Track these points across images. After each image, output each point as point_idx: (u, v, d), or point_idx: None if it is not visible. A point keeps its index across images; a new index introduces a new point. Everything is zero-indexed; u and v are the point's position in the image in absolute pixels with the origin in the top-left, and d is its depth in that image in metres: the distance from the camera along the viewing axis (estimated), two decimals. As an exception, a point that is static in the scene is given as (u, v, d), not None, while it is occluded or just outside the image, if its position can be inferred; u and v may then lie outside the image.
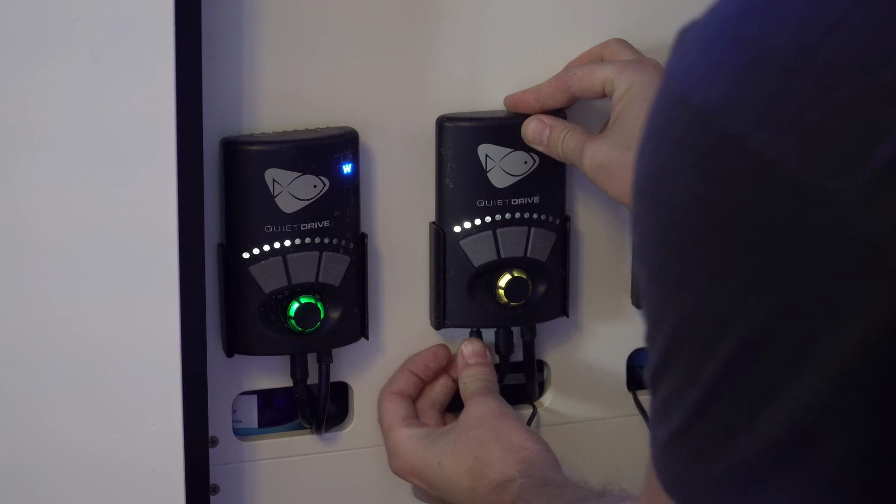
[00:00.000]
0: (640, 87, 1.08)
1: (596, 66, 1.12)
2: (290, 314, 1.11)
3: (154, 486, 1.02)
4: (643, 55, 1.13)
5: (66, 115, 0.95)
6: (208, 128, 1.03)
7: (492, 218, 1.15)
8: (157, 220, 0.98)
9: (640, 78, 1.09)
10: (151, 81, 0.96)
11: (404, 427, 1.13)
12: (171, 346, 1.00)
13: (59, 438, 0.99)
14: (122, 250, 0.98)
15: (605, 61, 1.13)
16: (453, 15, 1.15)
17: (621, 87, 1.09)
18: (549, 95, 1.14)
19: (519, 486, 1.06)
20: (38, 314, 0.97)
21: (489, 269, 1.16)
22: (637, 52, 1.14)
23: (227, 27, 1.09)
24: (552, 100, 1.14)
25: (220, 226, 1.11)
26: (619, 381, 1.26)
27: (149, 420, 1.01)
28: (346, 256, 1.12)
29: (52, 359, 0.98)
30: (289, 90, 1.11)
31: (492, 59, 1.16)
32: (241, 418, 1.18)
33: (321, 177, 1.10)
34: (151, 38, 0.96)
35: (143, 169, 0.97)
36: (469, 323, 1.18)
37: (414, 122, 1.15)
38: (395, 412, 1.14)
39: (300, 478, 1.19)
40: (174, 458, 1.01)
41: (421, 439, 1.12)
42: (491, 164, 1.14)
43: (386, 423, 1.14)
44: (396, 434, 1.13)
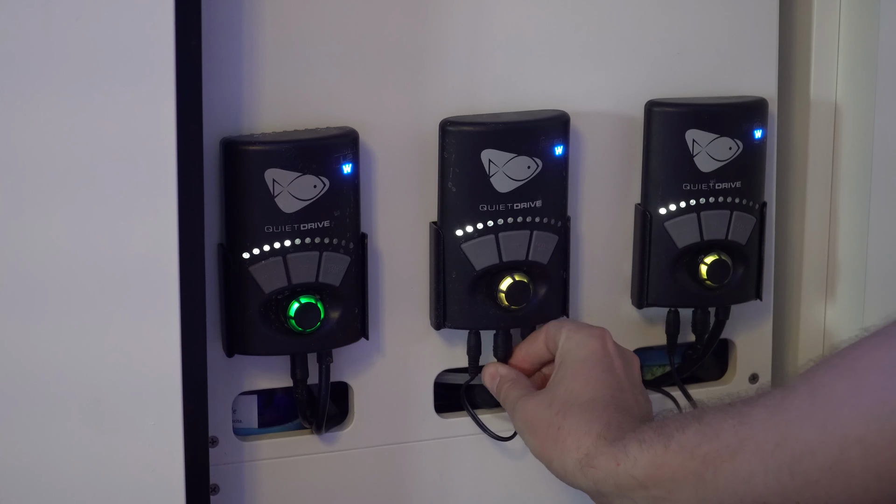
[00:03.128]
0: (577, 345, 1.13)
1: (539, 332, 1.19)
2: (290, 314, 1.11)
3: (154, 486, 1.02)
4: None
5: (66, 116, 0.95)
6: (208, 128, 1.03)
7: (494, 222, 1.15)
8: (157, 220, 0.98)
9: (578, 336, 1.14)
10: (151, 82, 0.96)
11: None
12: (171, 346, 1.00)
13: (60, 439, 0.99)
14: (123, 250, 0.98)
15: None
16: (453, 15, 1.15)
17: (560, 340, 1.15)
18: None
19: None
20: (38, 314, 0.97)
21: (490, 272, 1.16)
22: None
23: (227, 27, 1.09)
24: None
25: (220, 226, 1.11)
26: (619, 381, 1.26)
27: (149, 420, 1.00)
28: (346, 256, 1.12)
29: (52, 359, 0.98)
30: (289, 90, 1.11)
31: (491, 59, 1.16)
32: (241, 418, 1.18)
33: (321, 177, 1.10)
34: (151, 39, 0.95)
35: (144, 169, 0.97)
36: (469, 325, 1.18)
37: (414, 122, 1.15)
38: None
39: (300, 478, 1.19)
40: (174, 458, 1.01)
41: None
42: (494, 169, 1.14)
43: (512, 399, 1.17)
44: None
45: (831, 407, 0.92)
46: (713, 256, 1.21)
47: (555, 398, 1.11)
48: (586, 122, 1.19)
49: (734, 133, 1.20)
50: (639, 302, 1.23)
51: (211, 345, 1.09)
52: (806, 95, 1.27)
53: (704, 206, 1.20)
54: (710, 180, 1.20)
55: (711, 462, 0.97)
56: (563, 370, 1.13)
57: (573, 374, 1.11)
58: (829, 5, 1.25)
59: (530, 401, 1.13)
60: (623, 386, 1.11)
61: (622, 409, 1.08)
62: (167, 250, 0.99)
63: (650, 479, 1.00)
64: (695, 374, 1.30)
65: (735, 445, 0.96)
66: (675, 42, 1.21)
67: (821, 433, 0.92)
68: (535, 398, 1.13)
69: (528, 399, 1.13)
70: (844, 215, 1.28)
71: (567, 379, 1.11)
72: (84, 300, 0.98)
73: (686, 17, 1.21)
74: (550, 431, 1.08)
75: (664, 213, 1.20)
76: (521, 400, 1.14)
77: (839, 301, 1.29)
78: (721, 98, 1.21)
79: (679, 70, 1.21)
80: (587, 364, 1.12)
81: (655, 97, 1.20)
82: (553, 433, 1.08)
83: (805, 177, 1.29)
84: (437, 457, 1.22)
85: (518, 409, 1.13)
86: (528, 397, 1.13)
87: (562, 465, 1.07)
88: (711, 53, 1.22)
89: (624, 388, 1.11)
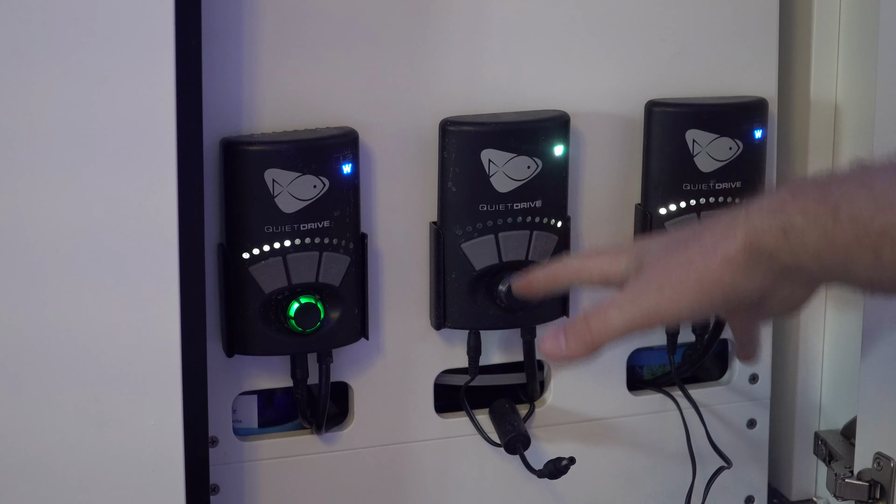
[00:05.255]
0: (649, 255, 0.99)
1: (593, 254, 1.06)
2: (290, 314, 1.11)
3: (154, 486, 1.02)
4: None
5: (66, 116, 0.95)
6: (208, 128, 1.03)
7: (494, 222, 1.15)
8: (157, 220, 0.98)
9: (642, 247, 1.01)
10: (151, 81, 0.96)
11: None
12: (171, 346, 1.00)
13: (60, 438, 0.99)
14: (123, 250, 0.98)
15: (596, 249, 1.07)
16: (453, 15, 1.15)
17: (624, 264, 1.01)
18: (549, 281, 1.08)
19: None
20: (39, 314, 0.97)
21: (490, 272, 1.16)
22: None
23: (227, 27, 1.09)
24: (551, 285, 1.08)
25: (220, 226, 1.11)
26: (619, 380, 1.26)
27: (149, 420, 1.00)
28: (346, 256, 1.12)
29: (52, 359, 0.98)
30: (289, 90, 1.11)
31: (491, 59, 1.16)
32: (241, 418, 1.18)
33: (321, 177, 1.10)
34: (151, 38, 0.95)
35: (144, 169, 0.97)
36: (469, 324, 1.18)
37: (414, 122, 1.15)
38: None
39: (300, 478, 1.19)
40: (174, 458, 1.01)
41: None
42: (494, 169, 1.14)
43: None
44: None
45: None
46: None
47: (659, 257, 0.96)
48: (586, 122, 1.19)
49: (734, 133, 1.20)
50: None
51: (211, 345, 1.09)
52: (806, 95, 1.27)
53: (704, 206, 1.20)
54: (711, 180, 1.20)
55: (889, 236, 0.87)
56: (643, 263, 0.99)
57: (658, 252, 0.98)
58: (829, 5, 1.25)
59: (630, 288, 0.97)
60: (705, 220, 0.99)
61: (733, 209, 0.95)
62: (167, 250, 0.99)
63: (824, 251, 0.89)
64: (695, 374, 1.30)
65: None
66: (675, 42, 1.21)
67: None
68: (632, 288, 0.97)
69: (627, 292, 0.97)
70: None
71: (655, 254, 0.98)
72: (84, 300, 0.98)
73: (686, 17, 1.21)
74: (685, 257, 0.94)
75: (664, 213, 1.20)
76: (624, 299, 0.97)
77: (839, 301, 1.29)
78: (721, 98, 1.21)
79: (679, 70, 1.21)
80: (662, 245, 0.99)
81: (655, 97, 1.20)
82: (690, 256, 0.94)
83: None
84: (437, 457, 1.22)
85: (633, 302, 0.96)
86: (627, 288, 0.97)
87: (709, 266, 0.93)
88: (711, 53, 1.22)
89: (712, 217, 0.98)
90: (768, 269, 0.92)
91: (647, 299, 0.95)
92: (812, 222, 0.89)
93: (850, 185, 0.89)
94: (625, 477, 1.28)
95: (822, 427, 1.32)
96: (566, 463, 1.19)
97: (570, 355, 0.97)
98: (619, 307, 0.96)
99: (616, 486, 1.28)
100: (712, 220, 0.95)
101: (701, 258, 0.93)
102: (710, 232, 0.94)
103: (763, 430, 1.31)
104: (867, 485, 1.16)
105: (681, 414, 1.26)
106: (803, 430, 1.32)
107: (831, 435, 1.29)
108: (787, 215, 0.90)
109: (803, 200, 0.89)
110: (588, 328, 0.96)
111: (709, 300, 0.93)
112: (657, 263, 0.96)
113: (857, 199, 0.88)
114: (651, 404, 1.27)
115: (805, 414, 1.32)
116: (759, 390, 1.30)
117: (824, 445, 1.28)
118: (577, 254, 1.09)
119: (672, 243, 0.97)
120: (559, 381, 1.24)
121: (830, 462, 1.26)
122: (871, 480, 1.15)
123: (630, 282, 0.97)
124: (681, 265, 0.94)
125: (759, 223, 0.91)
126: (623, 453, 1.27)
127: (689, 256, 0.94)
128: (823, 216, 0.88)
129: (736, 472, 1.27)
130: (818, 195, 0.89)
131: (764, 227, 0.91)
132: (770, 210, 0.91)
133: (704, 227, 0.95)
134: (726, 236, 0.92)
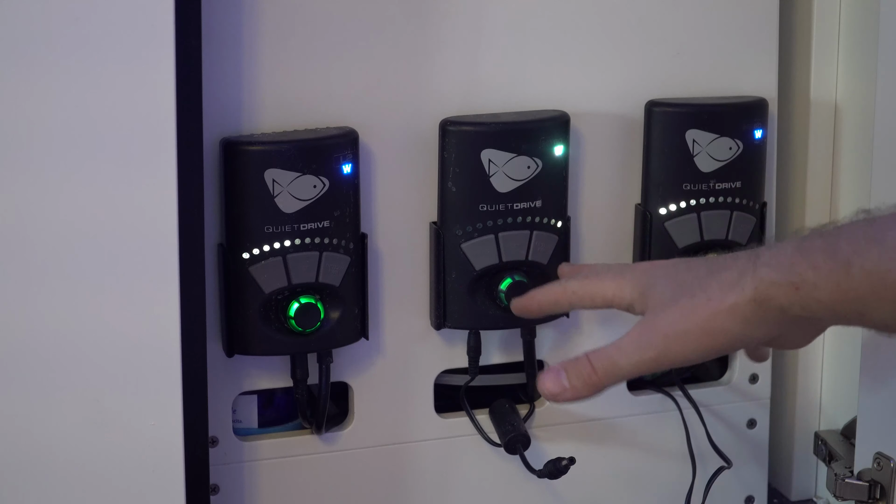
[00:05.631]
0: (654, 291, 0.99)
1: (596, 280, 1.05)
2: (290, 314, 1.11)
3: (154, 486, 1.02)
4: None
5: (67, 116, 0.95)
6: (208, 128, 1.03)
7: (494, 222, 1.15)
8: (157, 220, 0.98)
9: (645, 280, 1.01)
10: (151, 81, 0.96)
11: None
12: (171, 346, 1.00)
13: (60, 438, 0.99)
14: (123, 250, 0.98)
15: (598, 273, 1.06)
16: (453, 15, 1.15)
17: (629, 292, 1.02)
18: (549, 306, 1.09)
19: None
20: (39, 314, 0.97)
21: (490, 272, 1.16)
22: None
23: (227, 27, 1.09)
24: (552, 309, 1.10)
25: (220, 226, 1.11)
26: (620, 381, 1.26)
27: (149, 420, 1.00)
28: (346, 256, 1.12)
29: (52, 359, 0.98)
30: (289, 90, 1.11)
31: (491, 59, 1.16)
32: (241, 418, 1.18)
33: (321, 177, 1.10)
34: (151, 39, 0.95)
35: (144, 169, 0.97)
36: (469, 324, 1.18)
37: (414, 122, 1.15)
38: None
39: (300, 478, 1.19)
40: (174, 458, 1.01)
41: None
42: (494, 169, 1.14)
43: None
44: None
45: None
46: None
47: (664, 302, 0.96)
48: (586, 122, 1.19)
49: (734, 133, 1.20)
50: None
51: (211, 345, 1.09)
52: (806, 95, 1.27)
53: (704, 206, 1.20)
54: (710, 180, 1.20)
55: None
56: (643, 302, 0.99)
57: (662, 285, 0.98)
58: (829, 5, 1.25)
59: (642, 325, 0.97)
60: (706, 260, 0.99)
61: (738, 256, 0.95)
62: (167, 250, 0.99)
63: (838, 303, 0.89)
64: (695, 374, 1.30)
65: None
66: (675, 42, 1.21)
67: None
68: (646, 323, 0.97)
69: (638, 329, 0.97)
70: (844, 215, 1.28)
71: (658, 289, 0.97)
72: (84, 300, 0.98)
73: (686, 17, 1.21)
74: (691, 303, 0.94)
75: (664, 213, 1.20)
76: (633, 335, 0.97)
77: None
78: (721, 98, 1.21)
79: (679, 70, 1.21)
80: (660, 276, 0.99)
81: (655, 97, 1.20)
82: (695, 304, 0.94)
83: (805, 177, 1.29)
84: (437, 457, 1.22)
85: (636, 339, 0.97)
86: (638, 325, 0.97)
87: (717, 317, 0.93)
88: (711, 53, 1.22)
89: (712, 259, 0.99)
90: (778, 320, 0.92)
91: (653, 346, 0.95)
92: (824, 277, 0.89)
93: (858, 238, 0.89)
94: (625, 477, 1.28)
95: (822, 427, 1.32)
96: (566, 463, 1.19)
97: (573, 395, 0.98)
98: (626, 352, 0.96)
99: (616, 486, 1.28)
100: (719, 265, 0.95)
101: (708, 308, 0.93)
102: (717, 281, 0.94)
103: (763, 430, 1.31)
104: (867, 485, 1.16)
105: (681, 414, 1.26)
106: (803, 430, 1.32)
107: (831, 435, 1.29)
108: (797, 271, 0.90)
109: (812, 256, 0.89)
110: (593, 369, 0.97)
111: (715, 348, 0.94)
112: (663, 308, 0.96)
113: (869, 253, 0.87)
114: (651, 404, 1.27)
115: (805, 414, 1.32)
116: (759, 390, 1.30)
117: (824, 445, 1.28)
118: (577, 274, 1.08)
119: (678, 285, 0.96)
120: (559, 381, 1.24)
121: (830, 462, 1.26)
122: (871, 480, 1.15)
123: (636, 326, 0.97)
124: (687, 314, 0.94)
125: (768, 277, 0.91)
126: (623, 453, 1.27)
127: (696, 305, 0.94)
128: (836, 271, 0.88)
129: (736, 472, 1.27)
130: (827, 250, 0.89)
131: (774, 281, 0.91)
132: (779, 265, 0.91)
133: (711, 271, 0.95)
134: (734, 288, 0.92)
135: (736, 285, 0.92)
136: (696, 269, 0.97)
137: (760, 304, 0.92)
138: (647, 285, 0.99)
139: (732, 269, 0.93)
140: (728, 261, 0.95)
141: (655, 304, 0.97)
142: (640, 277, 1.00)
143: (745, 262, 0.93)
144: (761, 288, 0.91)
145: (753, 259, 0.93)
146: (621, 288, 1.01)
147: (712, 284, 0.94)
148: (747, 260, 0.93)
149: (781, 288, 0.90)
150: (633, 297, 0.99)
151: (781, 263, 0.91)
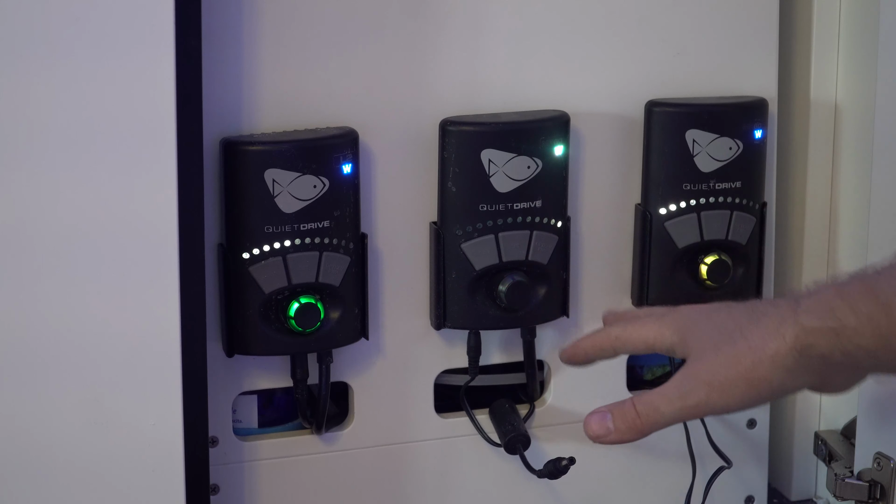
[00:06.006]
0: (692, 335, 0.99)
1: (637, 325, 1.04)
2: (290, 314, 1.11)
3: (154, 486, 1.02)
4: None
5: (67, 116, 0.95)
6: (208, 128, 1.03)
7: (494, 222, 1.15)
8: (157, 220, 0.98)
9: (683, 322, 1.00)
10: (151, 81, 0.96)
11: None
12: (171, 346, 1.00)
13: (60, 438, 0.99)
14: (123, 250, 0.98)
15: (640, 317, 1.06)
16: (453, 15, 1.15)
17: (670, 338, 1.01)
18: (595, 353, 1.07)
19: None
20: (39, 314, 0.97)
21: (490, 272, 1.16)
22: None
23: (227, 27, 1.09)
24: (598, 356, 1.08)
25: (220, 226, 1.11)
26: (619, 380, 1.26)
27: (149, 420, 1.00)
28: (346, 256, 1.12)
29: (52, 359, 0.98)
30: (289, 90, 1.11)
31: (491, 59, 1.16)
32: (241, 418, 1.18)
33: (321, 177, 1.10)
34: (151, 38, 0.95)
35: (144, 169, 0.97)
36: (469, 324, 1.18)
37: (414, 122, 1.15)
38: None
39: (300, 478, 1.19)
40: (174, 458, 1.01)
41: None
42: (494, 169, 1.14)
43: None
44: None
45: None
46: (713, 256, 1.21)
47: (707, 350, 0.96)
48: (586, 122, 1.19)
49: (734, 133, 1.20)
50: (639, 302, 1.23)
51: (211, 345, 1.09)
52: (806, 95, 1.27)
53: (704, 206, 1.20)
54: (710, 180, 1.20)
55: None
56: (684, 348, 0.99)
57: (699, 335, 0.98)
58: (829, 5, 1.25)
59: (685, 373, 0.97)
60: (745, 306, 0.99)
61: (778, 303, 0.95)
62: (167, 250, 0.99)
63: (880, 349, 0.89)
64: (695, 374, 1.29)
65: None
66: (675, 42, 1.21)
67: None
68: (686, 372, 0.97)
69: (680, 377, 0.97)
70: (844, 215, 1.28)
71: (696, 337, 0.98)
72: (84, 300, 0.98)
73: (686, 17, 1.21)
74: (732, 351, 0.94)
75: (664, 213, 1.20)
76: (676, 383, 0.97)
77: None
78: (721, 98, 1.21)
79: (679, 70, 1.21)
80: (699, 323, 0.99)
81: (655, 97, 1.20)
82: (737, 351, 0.94)
83: (805, 177, 1.29)
84: (437, 457, 1.22)
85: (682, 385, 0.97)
86: (679, 375, 0.97)
87: (759, 367, 0.93)
88: (711, 53, 1.22)
89: (752, 304, 0.98)
90: (819, 367, 0.93)
91: (696, 395, 0.96)
92: (865, 322, 0.89)
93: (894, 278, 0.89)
94: (625, 477, 1.28)
95: (822, 427, 1.32)
96: (566, 463, 1.19)
97: (617, 439, 1.00)
98: (669, 399, 0.97)
99: (616, 486, 1.28)
100: (759, 311, 0.95)
101: (749, 358, 0.94)
102: (757, 328, 0.94)
103: (763, 430, 1.31)
104: (867, 485, 1.16)
105: (681, 414, 1.26)
106: (803, 430, 1.32)
107: (831, 435, 1.29)
108: (837, 316, 0.90)
109: (851, 299, 0.90)
110: (637, 414, 0.98)
111: (757, 397, 0.95)
112: (704, 356, 0.97)
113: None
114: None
115: (805, 414, 1.32)
116: (759, 390, 1.30)
117: (824, 445, 1.28)
118: (619, 320, 1.08)
119: (718, 331, 0.97)
120: (559, 382, 1.24)
121: (830, 462, 1.26)
122: (871, 480, 1.15)
123: (679, 372, 0.97)
124: (729, 363, 0.95)
125: (808, 324, 0.92)
126: (623, 453, 1.27)
127: (737, 354, 0.94)
128: (876, 315, 0.89)
129: (736, 472, 1.27)
130: (866, 293, 0.90)
131: (814, 328, 0.91)
132: (818, 311, 0.91)
133: (751, 318, 0.95)
134: (775, 336, 0.93)
135: (777, 332, 0.93)
136: (737, 315, 0.97)
137: (801, 352, 0.92)
138: (687, 329, 1.00)
139: (773, 315, 0.94)
140: (768, 307, 0.96)
141: (696, 349, 0.98)
142: (680, 321, 1.01)
143: (786, 309, 0.94)
144: (801, 336, 0.92)
145: (794, 305, 0.93)
146: (661, 332, 1.01)
147: (753, 331, 0.94)
148: (787, 306, 0.94)
149: (822, 334, 0.91)
150: (673, 341, 1.00)
151: (821, 309, 0.91)
